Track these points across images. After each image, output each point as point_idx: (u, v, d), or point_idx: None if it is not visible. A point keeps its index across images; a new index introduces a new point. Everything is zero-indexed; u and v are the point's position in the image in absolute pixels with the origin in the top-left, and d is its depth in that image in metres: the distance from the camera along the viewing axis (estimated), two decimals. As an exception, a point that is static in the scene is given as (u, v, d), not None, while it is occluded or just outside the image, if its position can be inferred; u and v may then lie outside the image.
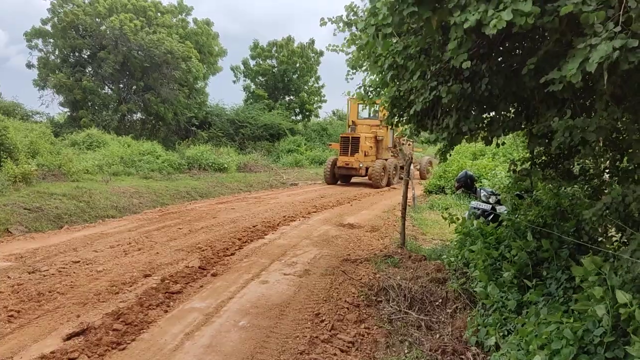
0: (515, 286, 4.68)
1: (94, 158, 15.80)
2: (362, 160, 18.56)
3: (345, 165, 18.79)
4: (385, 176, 18.92)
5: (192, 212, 11.50)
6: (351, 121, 21.04)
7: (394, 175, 19.83)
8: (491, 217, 6.79)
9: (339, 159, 19.15)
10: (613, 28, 2.38)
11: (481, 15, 2.69)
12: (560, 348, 3.03)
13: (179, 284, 5.83)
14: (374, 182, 18.27)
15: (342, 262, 7.09)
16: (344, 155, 18.99)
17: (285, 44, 34.75)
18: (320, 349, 4.22)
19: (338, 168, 19.12)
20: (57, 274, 6.11)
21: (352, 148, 18.75)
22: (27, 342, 4.21)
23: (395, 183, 19.67)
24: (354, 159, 18.59)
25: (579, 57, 2.44)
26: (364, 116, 21.31)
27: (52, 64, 24.06)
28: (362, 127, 20.23)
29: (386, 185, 18.88)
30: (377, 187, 18.21)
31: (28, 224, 9.14)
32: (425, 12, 3.00)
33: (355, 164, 18.53)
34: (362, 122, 20.74)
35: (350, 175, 19.79)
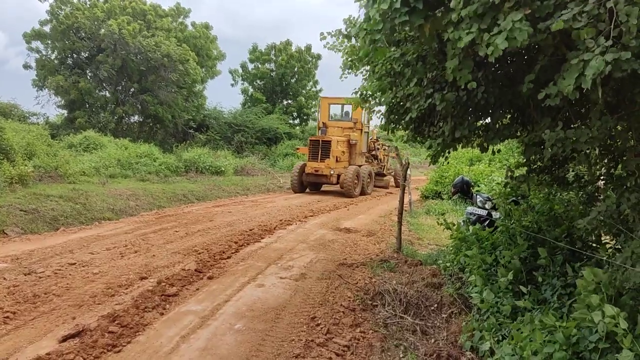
0: (510, 291, 4.72)
1: (91, 160, 15.77)
2: (333, 167, 16.75)
3: (315, 171, 16.95)
4: (359, 184, 17.31)
5: (189, 215, 11.50)
6: (322, 123, 18.99)
7: (369, 183, 18.22)
8: (487, 223, 6.82)
9: (308, 165, 17.24)
10: (604, 42, 2.42)
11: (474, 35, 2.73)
12: (552, 352, 3.05)
13: (175, 286, 5.84)
14: (345, 190, 16.64)
15: (339, 266, 7.10)
16: (313, 160, 17.12)
17: (284, 47, 34.84)
18: (316, 353, 4.24)
19: (306, 175, 17.29)
20: (53, 276, 6.11)
21: (323, 153, 16.95)
22: (23, 344, 4.21)
23: (370, 192, 18.23)
24: (325, 165, 16.76)
25: (574, 72, 2.49)
26: (336, 117, 19.54)
27: (50, 65, 24.04)
28: (333, 130, 18.44)
29: (360, 194, 17.26)
30: (350, 197, 16.56)
31: (24, 225, 9.12)
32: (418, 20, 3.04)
33: (325, 171, 16.74)
34: (334, 124, 18.85)
35: (319, 183, 18.07)
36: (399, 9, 2.99)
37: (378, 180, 19.86)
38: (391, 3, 2.99)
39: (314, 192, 18.23)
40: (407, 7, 2.98)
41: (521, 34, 2.54)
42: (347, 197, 16.46)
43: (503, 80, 3.66)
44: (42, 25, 23.95)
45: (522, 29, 2.54)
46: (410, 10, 2.99)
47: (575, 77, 2.46)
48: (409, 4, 2.97)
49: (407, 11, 3.00)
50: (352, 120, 18.44)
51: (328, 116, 19.11)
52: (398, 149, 9.22)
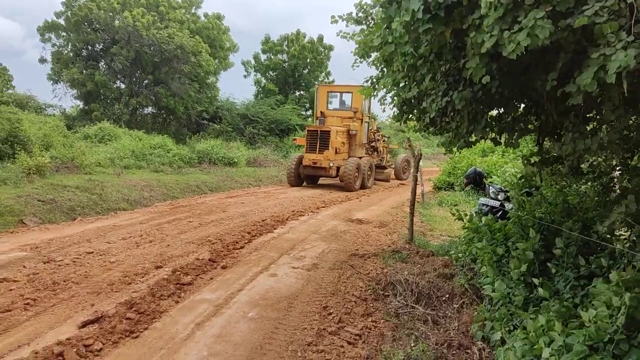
0: (522, 282, 4.73)
1: (106, 151, 15.95)
2: (332, 159, 15.91)
3: (313, 164, 16.12)
4: (359, 177, 16.43)
5: (202, 205, 11.62)
6: (319, 112, 17.99)
7: (369, 176, 17.34)
8: (500, 214, 6.82)
9: (305, 157, 16.37)
10: (626, 37, 2.42)
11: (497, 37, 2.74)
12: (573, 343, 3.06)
13: (190, 275, 5.94)
14: (345, 184, 15.86)
15: (350, 256, 7.16)
16: (311, 152, 16.25)
17: (296, 38, 34.77)
18: (328, 341, 4.31)
19: (304, 167, 16.44)
20: (71, 264, 6.25)
21: (321, 144, 16.07)
22: (44, 329, 4.34)
23: (371, 185, 17.45)
24: (323, 156, 15.92)
25: (593, 66, 2.49)
26: (335, 106, 18.41)
27: (66, 57, 24.26)
28: (332, 120, 17.53)
29: (360, 188, 16.46)
30: (350, 190, 15.77)
31: (42, 215, 9.30)
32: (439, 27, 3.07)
33: (324, 163, 15.89)
34: (333, 113, 17.90)
35: (317, 176, 17.18)
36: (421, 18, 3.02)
37: (378, 173, 19.15)
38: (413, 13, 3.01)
39: (311, 185, 17.37)
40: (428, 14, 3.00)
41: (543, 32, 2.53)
42: (347, 191, 15.73)
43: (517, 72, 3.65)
44: (57, 17, 24.16)
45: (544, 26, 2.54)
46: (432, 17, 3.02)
47: (594, 71, 2.45)
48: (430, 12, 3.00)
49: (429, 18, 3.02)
50: (351, 109, 17.59)
51: (326, 105, 18.16)
52: (410, 139, 9.19)
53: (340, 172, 15.98)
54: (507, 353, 3.73)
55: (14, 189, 9.88)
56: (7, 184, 10.06)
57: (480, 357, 4.17)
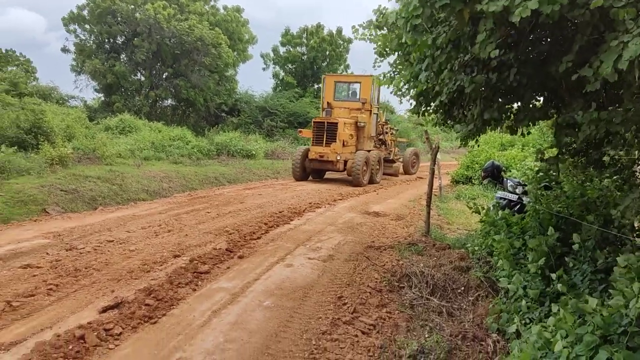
0: (538, 276, 4.70)
1: (126, 143, 16.18)
2: (339, 152, 15.17)
3: (319, 157, 15.40)
4: (368, 171, 15.74)
5: (220, 197, 11.74)
6: (326, 103, 17.18)
7: (378, 170, 16.59)
8: (517, 208, 6.77)
9: (311, 150, 15.67)
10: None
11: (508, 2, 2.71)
12: (584, 333, 3.05)
13: (207, 264, 6.03)
14: (353, 178, 15.15)
15: (366, 248, 7.18)
16: (318, 145, 15.51)
17: (315, 31, 34.71)
18: (342, 330, 4.35)
19: (310, 161, 15.72)
20: (92, 252, 6.39)
21: (328, 136, 15.34)
22: (66, 314, 4.47)
23: (379, 180, 16.69)
24: (330, 149, 15.18)
25: (613, 54, 2.45)
26: (342, 97, 17.56)
27: (88, 49, 24.63)
28: (339, 111, 16.73)
29: (368, 183, 15.78)
30: (358, 185, 15.08)
31: (64, 204, 9.51)
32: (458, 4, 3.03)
33: (331, 156, 15.16)
34: (340, 104, 17.05)
35: (323, 170, 16.42)
36: None
37: (387, 167, 18.39)
38: None
39: (316, 180, 16.61)
40: None
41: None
42: (355, 186, 15.07)
43: (536, 61, 3.62)
44: (80, 9, 24.51)
45: None
46: None
47: (613, 60, 2.42)
48: None
49: None
50: (360, 100, 16.74)
51: (333, 95, 17.33)
52: (428, 132, 9.14)
53: (348, 166, 15.36)
54: (522, 345, 3.73)
55: (38, 178, 10.11)
56: (31, 174, 10.29)
57: (495, 349, 4.17)
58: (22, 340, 3.93)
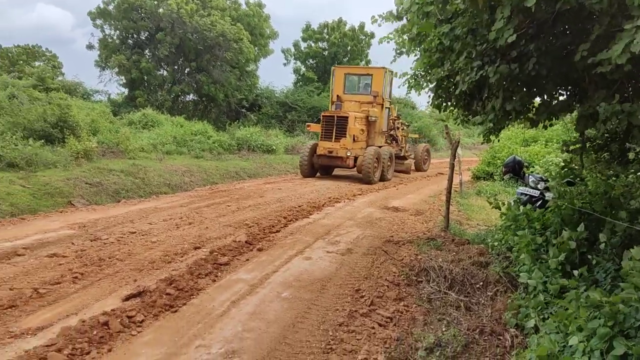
0: (559, 272, 4.65)
1: (149, 137, 16.42)
2: (349, 147, 14.40)
3: (328, 153, 14.64)
4: (379, 169, 14.90)
5: (241, 191, 11.86)
6: (336, 96, 16.33)
7: (389, 167, 15.80)
8: (539, 204, 6.69)
9: (320, 145, 14.91)
10: None
11: None
12: (596, 327, 3.03)
13: (227, 256, 6.11)
14: (364, 175, 14.36)
15: (385, 243, 7.19)
16: (327, 140, 14.74)
17: (337, 26, 34.63)
18: (359, 322, 4.38)
19: (318, 157, 14.95)
20: (116, 243, 6.54)
21: (338, 131, 14.55)
22: (90, 301, 4.60)
23: (390, 177, 15.90)
24: (340, 145, 14.42)
25: (626, 38, 2.43)
26: (353, 90, 16.69)
27: (112, 45, 25.03)
28: (350, 105, 15.85)
29: (380, 180, 15.01)
30: (368, 183, 14.28)
31: (89, 197, 9.73)
32: None
33: (340, 152, 14.41)
34: (351, 97, 16.18)
35: (332, 166, 15.68)
36: None
37: (398, 164, 17.45)
38: None
39: (325, 176, 15.91)
40: None
41: None
42: (365, 183, 14.29)
43: (557, 52, 3.58)
44: (105, 5, 24.91)
45: None
46: None
47: (625, 43, 2.40)
48: None
49: None
50: (371, 93, 15.92)
51: (343, 88, 16.45)
52: (448, 127, 9.07)
53: (358, 162, 14.54)
54: (540, 340, 3.71)
55: (64, 171, 10.35)
56: (57, 167, 10.53)
57: (513, 343, 4.15)
58: (48, 325, 4.07)
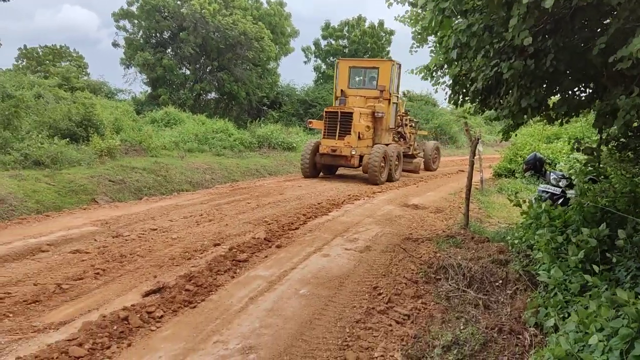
0: (580, 270, 4.58)
1: (171, 135, 16.63)
2: (354, 145, 13.49)
3: (332, 151, 13.70)
4: (386, 168, 13.94)
5: (261, 188, 11.93)
6: (340, 90, 15.32)
7: (397, 166, 14.84)
8: (561, 201, 6.58)
9: (323, 143, 13.95)
10: None
11: None
12: (619, 327, 2.98)
13: (246, 253, 6.17)
14: (370, 175, 13.47)
15: (403, 240, 7.16)
16: (330, 137, 13.80)
17: (357, 23, 34.53)
18: (376, 319, 4.38)
19: (320, 155, 14.03)
20: (137, 239, 6.66)
21: (342, 128, 13.64)
22: (111, 296, 4.69)
23: (398, 177, 14.94)
24: (344, 143, 13.51)
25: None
26: (358, 84, 15.75)
27: (137, 44, 25.42)
28: (355, 99, 14.87)
29: (387, 180, 14.11)
30: (374, 183, 13.41)
31: (112, 194, 9.92)
32: None
33: (344, 151, 13.49)
34: (356, 92, 15.19)
35: (335, 166, 14.83)
36: None
37: (406, 163, 16.46)
38: None
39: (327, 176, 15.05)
40: None
41: None
42: (371, 184, 13.41)
43: (575, 48, 3.52)
44: (129, 5, 25.31)
45: None
46: None
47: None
48: None
49: None
50: (377, 87, 14.90)
51: (348, 82, 15.47)
52: (468, 124, 8.96)
53: (364, 161, 13.64)
54: (559, 339, 3.66)
55: (88, 169, 10.56)
56: (82, 165, 10.75)
57: (532, 342, 4.10)
58: (70, 320, 4.17)
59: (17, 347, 3.66)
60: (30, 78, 18.29)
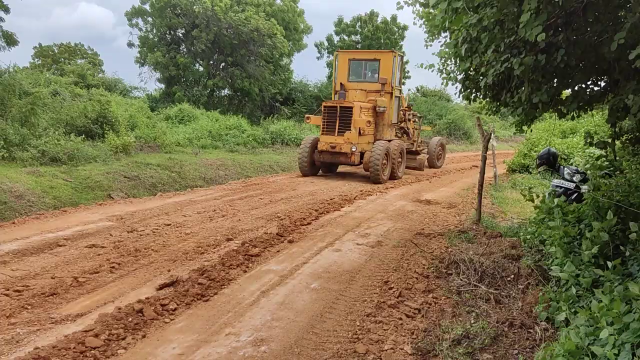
0: (592, 265, 4.55)
1: (185, 132, 16.78)
2: (355, 142, 12.82)
3: (331, 148, 12.99)
4: (388, 166, 13.30)
5: (273, 184, 12.00)
6: (339, 84, 14.61)
7: (400, 163, 14.19)
8: (575, 196, 6.53)
9: (321, 140, 13.27)
10: None
11: None
12: (630, 321, 2.97)
13: (258, 248, 6.23)
14: (371, 174, 12.74)
15: (415, 235, 7.17)
16: (329, 133, 13.13)
17: (369, 19, 34.39)
18: (387, 313, 4.41)
19: (319, 152, 13.34)
20: (151, 234, 6.76)
21: (341, 124, 12.96)
22: (126, 289, 4.79)
23: (401, 175, 14.25)
24: (343, 139, 12.82)
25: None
26: (358, 77, 14.94)
27: (151, 42, 25.63)
28: (354, 93, 14.14)
29: (390, 178, 13.44)
30: (376, 182, 12.71)
31: (127, 190, 10.05)
32: None
33: (344, 147, 12.79)
34: (356, 85, 14.45)
35: (335, 164, 14.19)
36: None
37: (410, 160, 15.69)
38: None
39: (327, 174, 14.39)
40: None
41: None
42: (373, 182, 12.78)
43: (587, 42, 3.49)
44: (142, 3, 25.50)
45: None
46: None
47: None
48: None
49: None
50: (379, 80, 14.17)
51: (347, 75, 14.72)
52: (480, 119, 8.91)
53: (365, 159, 12.94)
54: (570, 333, 3.65)
55: (103, 165, 10.71)
56: (97, 161, 10.91)
57: (543, 337, 4.09)
58: (87, 312, 4.26)
59: (35, 337, 3.76)
60: (46, 75, 18.51)
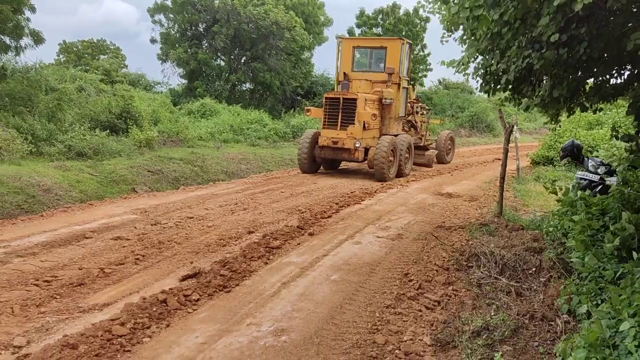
0: (615, 257, 4.50)
1: (207, 126, 16.95)
2: (359, 137, 11.80)
3: (333, 143, 11.98)
4: (395, 162, 12.26)
5: (295, 177, 12.06)
6: (342, 74, 13.60)
7: (407, 159, 13.14)
8: (599, 189, 6.43)
9: (322, 134, 12.25)
10: None
11: None
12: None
13: (279, 240, 6.30)
14: (376, 171, 11.74)
15: (436, 228, 7.16)
16: (331, 127, 12.10)
17: (391, 11, 34.09)
18: (406, 305, 4.43)
19: (320, 148, 12.29)
20: (174, 227, 6.89)
21: (344, 117, 11.91)
22: (150, 281, 4.91)
23: (408, 172, 13.18)
24: (346, 134, 11.79)
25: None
26: (363, 67, 13.97)
27: (173, 38, 25.91)
28: (359, 84, 12.88)
29: (396, 176, 12.42)
30: (382, 180, 11.66)
31: (150, 184, 10.25)
32: None
33: (347, 143, 11.78)
34: (361, 75, 13.35)
35: (337, 160, 13.09)
36: None
37: (418, 156, 14.49)
38: None
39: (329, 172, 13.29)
40: None
41: None
42: (379, 180, 11.75)
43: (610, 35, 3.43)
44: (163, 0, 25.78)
45: None
46: None
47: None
48: None
49: None
50: (385, 70, 13.14)
51: (352, 65, 13.65)
52: (502, 111, 8.80)
53: (370, 155, 11.96)
54: (592, 325, 3.62)
55: (127, 160, 10.93)
56: (122, 156, 11.13)
57: (564, 329, 4.07)
58: (113, 302, 4.39)
59: (64, 326, 3.90)
60: (71, 71, 18.88)
